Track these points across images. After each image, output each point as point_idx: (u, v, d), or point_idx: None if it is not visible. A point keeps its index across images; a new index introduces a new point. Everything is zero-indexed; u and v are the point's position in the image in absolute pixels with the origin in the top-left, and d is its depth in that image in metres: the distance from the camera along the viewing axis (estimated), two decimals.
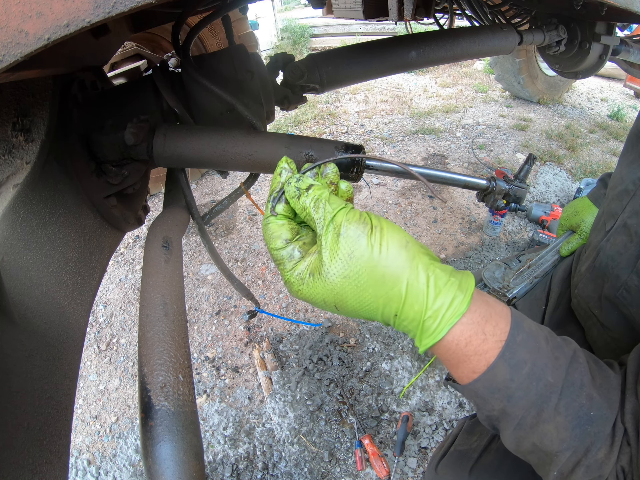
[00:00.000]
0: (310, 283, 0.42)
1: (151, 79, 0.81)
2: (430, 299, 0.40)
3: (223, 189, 2.69)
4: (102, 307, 1.88)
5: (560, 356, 0.43)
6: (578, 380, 0.42)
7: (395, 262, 0.40)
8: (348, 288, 0.40)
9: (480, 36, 1.21)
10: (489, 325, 0.41)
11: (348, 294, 0.41)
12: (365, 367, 1.47)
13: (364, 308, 0.42)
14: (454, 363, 0.43)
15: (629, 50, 1.76)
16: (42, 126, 0.57)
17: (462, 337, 0.41)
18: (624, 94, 4.04)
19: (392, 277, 0.40)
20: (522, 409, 0.42)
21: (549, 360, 0.42)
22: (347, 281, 0.40)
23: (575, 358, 0.44)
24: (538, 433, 0.42)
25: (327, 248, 0.40)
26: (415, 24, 3.27)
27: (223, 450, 1.30)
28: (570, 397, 0.41)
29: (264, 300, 1.81)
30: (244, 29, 2.35)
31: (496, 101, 3.79)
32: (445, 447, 0.84)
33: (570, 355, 0.44)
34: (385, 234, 0.41)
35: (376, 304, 0.41)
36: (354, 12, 2.05)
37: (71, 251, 0.61)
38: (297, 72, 0.94)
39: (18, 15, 0.32)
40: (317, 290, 0.42)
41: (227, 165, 0.75)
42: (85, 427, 1.44)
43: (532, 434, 0.42)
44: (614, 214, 0.70)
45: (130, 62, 1.87)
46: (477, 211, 2.29)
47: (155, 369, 0.44)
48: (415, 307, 0.40)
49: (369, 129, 3.35)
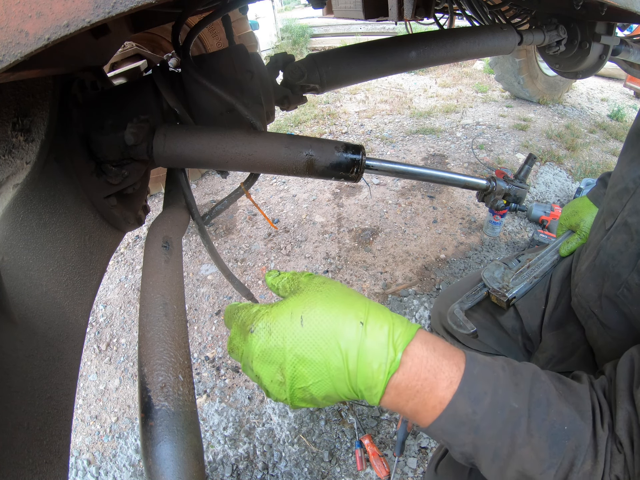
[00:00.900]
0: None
1: (151, 79, 0.81)
2: (354, 368, 0.40)
3: (223, 189, 2.69)
4: (102, 307, 1.88)
5: (519, 381, 0.43)
6: (544, 399, 0.42)
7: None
8: None
9: (480, 36, 1.21)
10: (441, 369, 0.42)
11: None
12: None
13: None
14: (411, 413, 0.43)
15: (629, 50, 1.76)
16: (42, 126, 0.57)
17: (408, 386, 0.41)
18: (624, 94, 4.04)
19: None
20: (492, 439, 0.41)
21: (510, 386, 0.42)
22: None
23: (537, 377, 0.44)
24: (517, 460, 0.41)
25: None
26: (415, 24, 3.27)
27: (223, 450, 1.30)
28: (540, 417, 0.41)
29: (264, 300, 1.81)
30: (244, 29, 2.35)
31: (496, 101, 3.79)
32: (444, 449, 0.84)
33: (530, 377, 0.44)
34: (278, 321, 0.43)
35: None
36: (354, 12, 2.05)
37: (71, 251, 0.61)
38: (297, 72, 0.94)
39: (18, 15, 0.32)
40: None
41: (227, 165, 0.75)
42: (85, 427, 1.44)
43: (511, 462, 0.42)
44: (613, 212, 0.70)
45: (130, 62, 1.87)
46: (477, 211, 2.29)
47: (155, 369, 0.44)
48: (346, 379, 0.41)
49: (369, 129, 3.35)
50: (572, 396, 0.44)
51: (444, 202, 2.36)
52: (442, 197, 2.41)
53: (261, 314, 0.44)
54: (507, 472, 0.42)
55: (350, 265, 1.94)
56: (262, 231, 2.23)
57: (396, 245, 2.05)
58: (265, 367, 0.43)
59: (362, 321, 0.41)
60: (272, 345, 0.42)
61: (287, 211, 2.38)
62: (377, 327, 0.41)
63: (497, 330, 1.06)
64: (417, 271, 1.89)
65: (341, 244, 2.09)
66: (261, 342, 0.42)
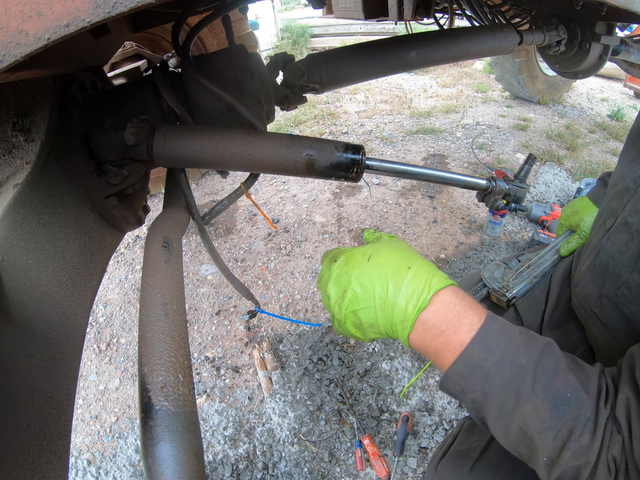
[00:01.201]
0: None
1: (151, 79, 0.81)
2: (392, 298, 0.48)
3: (223, 189, 2.69)
4: (102, 307, 1.88)
5: (532, 345, 0.47)
6: (552, 365, 0.45)
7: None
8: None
9: (480, 36, 1.21)
10: (465, 315, 0.47)
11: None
12: (365, 367, 1.47)
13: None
14: (434, 353, 0.48)
15: (629, 50, 1.76)
16: (42, 126, 0.57)
17: (435, 325, 0.47)
18: (624, 94, 4.04)
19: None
20: (500, 389, 0.45)
21: (521, 346, 0.46)
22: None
23: (550, 347, 0.47)
24: (520, 415, 0.44)
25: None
26: (415, 24, 3.27)
27: (223, 450, 1.30)
28: (546, 380, 0.44)
29: (264, 300, 1.81)
30: (244, 29, 2.35)
31: (496, 101, 3.79)
32: (445, 447, 0.84)
33: (542, 344, 0.47)
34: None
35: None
36: (354, 12, 2.05)
37: (71, 251, 0.61)
38: (297, 72, 0.94)
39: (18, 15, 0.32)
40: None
41: (227, 165, 0.75)
42: (85, 427, 1.44)
43: (515, 417, 0.45)
44: (614, 212, 0.70)
45: (130, 62, 1.87)
46: (477, 211, 2.29)
47: (155, 369, 0.44)
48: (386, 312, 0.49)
49: (369, 129, 3.35)
50: (581, 373, 0.46)
51: (444, 202, 2.36)
52: (442, 197, 2.41)
53: (346, 251, 0.55)
54: (511, 427, 0.45)
55: None
56: (262, 231, 2.23)
57: None
58: (334, 289, 0.53)
59: (410, 267, 0.49)
60: (344, 271, 0.52)
61: (287, 211, 2.38)
62: (419, 272, 0.49)
63: None
64: None
65: (341, 244, 2.09)
66: (338, 269, 0.53)
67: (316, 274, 1.91)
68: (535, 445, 0.44)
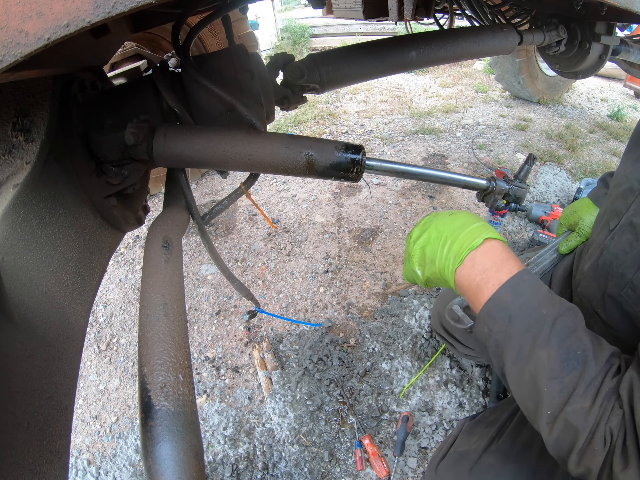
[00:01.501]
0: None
1: (151, 79, 0.81)
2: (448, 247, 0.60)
3: (223, 189, 2.69)
4: (102, 307, 1.88)
5: (556, 303, 0.52)
6: (571, 323, 0.50)
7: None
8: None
9: (480, 36, 1.21)
10: (507, 262, 0.55)
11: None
12: (365, 367, 1.47)
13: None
14: (475, 289, 0.56)
15: (629, 50, 1.76)
16: (42, 126, 0.57)
17: (481, 262, 0.56)
18: (624, 94, 4.04)
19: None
20: (520, 332, 0.50)
21: (546, 301, 0.52)
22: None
23: (573, 311, 0.52)
24: (534, 361, 0.49)
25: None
26: (415, 24, 3.27)
27: (223, 450, 1.30)
28: (562, 333, 0.49)
29: (264, 300, 1.81)
30: (244, 29, 2.35)
31: (496, 101, 3.79)
32: (445, 448, 0.84)
33: (567, 306, 0.52)
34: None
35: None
36: (354, 12, 2.04)
37: (71, 251, 0.61)
38: (297, 72, 0.94)
39: (18, 15, 0.32)
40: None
41: (227, 165, 0.75)
42: (85, 427, 1.44)
43: (529, 362, 0.49)
44: (618, 212, 0.70)
45: (130, 62, 1.87)
46: (477, 211, 2.29)
47: (155, 369, 0.44)
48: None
49: (369, 129, 3.35)
50: (597, 342, 0.50)
51: (444, 202, 2.36)
52: (442, 197, 2.41)
53: (438, 212, 0.68)
54: (524, 373, 0.50)
55: (350, 265, 1.94)
56: (262, 231, 2.23)
57: (396, 245, 2.05)
58: (418, 231, 0.66)
59: (476, 223, 0.60)
60: (429, 221, 0.66)
61: (287, 211, 2.38)
62: (481, 226, 0.59)
63: None
64: None
65: (341, 244, 2.09)
66: (426, 218, 0.68)
67: (316, 274, 1.91)
68: (542, 395, 0.48)
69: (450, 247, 0.59)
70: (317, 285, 1.85)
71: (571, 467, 0.48)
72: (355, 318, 1.67)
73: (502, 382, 1.31)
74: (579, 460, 0.46)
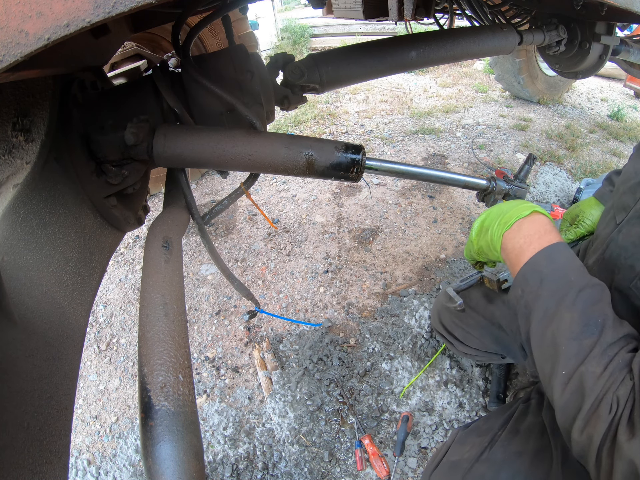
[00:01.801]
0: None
1: (151, 79, 0.81)
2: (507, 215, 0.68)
3: (223, 189, 2.69)
4: (102, 307, 1.88)
5: (586, 276, 0.56)
6: (597, 295, 0.53)
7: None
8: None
9: (480, 36, 1.21)
10: (550, 234, 0.61)
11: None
12: (365, 367, 1.47)
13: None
14: (518, 251, 0.62)
15: (629, 50, 1.76)
16: (42, 126, 0.57)
17: (527, 228, 0.63)
18: (624, 94, 4.03)
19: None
20: (548, 294, 0.55)
21: (577, 270, 0.57)
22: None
23: (602, 287, 0.55)
24: (557, 321, 0.52)
25: None
26: (415, 24, 3.27)
27: (223, 450, 1.30)
28: (587, 301, 0.52)
29: (264, 300, 1.81)
30: (244, 29, 2.35)
31: (496, 101, 3.79)
32: (439, 458, 0.85)
33: (598, 281, 0.56)
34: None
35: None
36: (354, 12, 2.04)
37: (71, 251, 0.61)
38: (297, 72, 0.94)
39: (18, 15, 0.32)
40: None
41: (227, 165, 0.75)
42: (85, 427, 1.44)
43: (552, 322, 0.53)
44: (625, 207, 0.71)
45: (130, 62, 1.87)
46: (477, 211, 2.29)
47: (155, 369, 0.44)
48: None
49: (369, 129, 3.35)
50: (618, 320, 0.52)
51: (444, 202, 2.36)
52: (442, 197, 2.41)
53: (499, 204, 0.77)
54: (547, 333, 0.53)
55: (350, 265, 1.94)
56: (262, 231, 2.23)
57: (396, 245, 2.05)
58: (482, 217, 0.74)
59: (531, 203, 0.67)
60: (492, 207, 0.74)
61: (287, 211, 2.38)
62: (533, 205, 0.66)
63: (495, 330, 1.06)
64: (417, 271, 1.89)
65: (341, 244, 2.09)
66: (490, 209, 0.75)
67: (316, 274, 1.91)
68: (559, 355, 0.50)
69: (503, 216, 0.67)
70: (317, 285, 1.85)
71: (574, 435, 0.48)
72: (355, 318, 1.67)
73: (502, 382, 1.31)
74: (583, 426, 0.47)
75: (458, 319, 1.16)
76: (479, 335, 1.12)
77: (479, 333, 1.12)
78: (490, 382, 1.36)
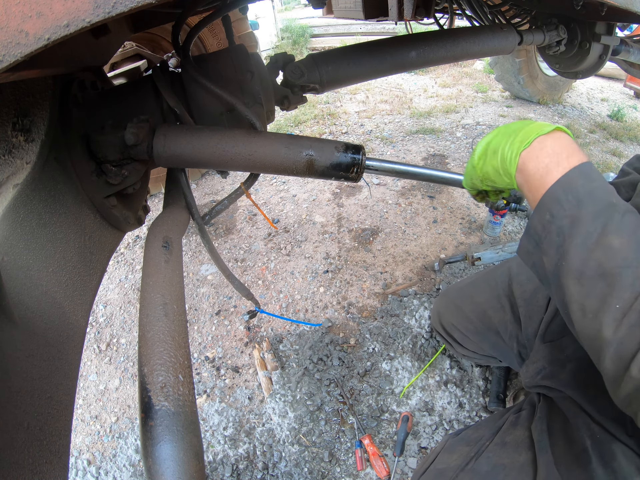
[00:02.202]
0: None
1: (151, 79, 0.81)
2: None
3: (223, 189, 2.69)
4: (102, 307, 1.88)
5: (623, 201, 0.49)
6: (638, 221, 0.46)
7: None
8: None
9: (480, 36, 1.21)
10: (579, 152, 0.52)
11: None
12: (365, 367, 1.47)
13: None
14: (543, 171, 0.53)
15: (629, 50, 1.76)
16: (42, 126, 0.57)
17: (551, 146, 0.53)
18: (624, 94, 4.03)
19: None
20: (589, 217, 0.46)
21: (614, 192, 0.49)
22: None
23: (638, 213, 0.48)
24: (603, 248, 0.44)
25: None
26: (415, 24, 3.27)
27: (223, 450, 1.30)
28: (632, 224, 0.45)
29: (264, 300, 1.81)
30: (244, 29, 2.35)
31: (496, 101, 3.79)
32: (427, 464, 0.86)
33: (632, 208, 0.48)
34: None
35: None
36: (354, 12, 2.05)
37: (71, 251, 0.61)
38: (297, 72, 0.94)
39: (18, 15, 0.32)
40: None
41: (227, 165, 0.75)
42: (85, 427, 1.44)
43: (597, 249, 0.45)
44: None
45: (130, 62, 1.87)
46: (477, 211, 2.29)
47: (155, 369, 0.44)
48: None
49: (369, 129, 3.35)
50: None
51: (444, 202, 2.36)
52: (442, 197, 2.41)
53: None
54: (590, 263, 0.45)
55: (350, 265, 1.94)
56: (262, 231, 2.23)
57: (396, 245, 2.05)
58: (487, 138, 0.63)
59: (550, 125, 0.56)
60: (498, 127, 0.63)
61: (287, 211, 2.38)
62: (552, 124, 0.56)
63: (493, 336, 1.06)
64: (417, 271, 1.89)
65: (341, 244, 2.09)
66: (495, 129, 0.63)
67: (316, 274, 1.91)
68: (612, 286, 0.43)
69: (516, 135, 0.57)
70: (317, 285, 1.85)
71: (634, 371, 0.41)
72: (355, 318, 1.67)
73: (502, 382, 1.31)
74: None
75: (456, 323, 1.17)
76: (476, 340, 1.12)
77: (476, 338, 1.12)
78: (491, 382, 1.36)
